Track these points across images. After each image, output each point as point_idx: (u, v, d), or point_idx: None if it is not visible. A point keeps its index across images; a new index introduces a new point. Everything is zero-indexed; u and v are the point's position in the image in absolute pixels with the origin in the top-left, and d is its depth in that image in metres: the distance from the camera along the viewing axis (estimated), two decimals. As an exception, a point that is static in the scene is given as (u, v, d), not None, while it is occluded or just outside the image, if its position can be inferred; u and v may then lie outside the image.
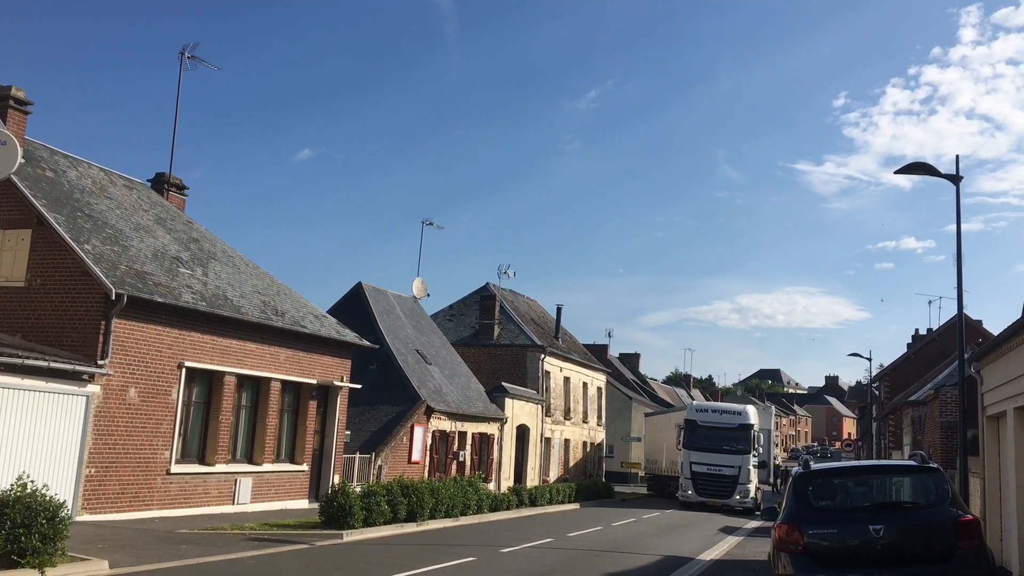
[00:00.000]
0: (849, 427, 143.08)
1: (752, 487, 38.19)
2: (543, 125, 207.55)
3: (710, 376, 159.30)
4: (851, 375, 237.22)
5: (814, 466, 9.92)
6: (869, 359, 54.53)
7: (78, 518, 17.10)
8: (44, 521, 11.25)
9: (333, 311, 32.86)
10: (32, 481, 11.79)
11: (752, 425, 39.11)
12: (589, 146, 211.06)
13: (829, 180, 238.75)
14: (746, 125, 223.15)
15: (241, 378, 22.44)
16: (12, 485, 11.64)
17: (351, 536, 18.10)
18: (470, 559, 15.42)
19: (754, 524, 29.23)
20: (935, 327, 53.74)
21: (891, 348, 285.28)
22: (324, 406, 25.87)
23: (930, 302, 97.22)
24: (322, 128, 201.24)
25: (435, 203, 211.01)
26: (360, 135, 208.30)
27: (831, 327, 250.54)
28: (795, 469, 9.95)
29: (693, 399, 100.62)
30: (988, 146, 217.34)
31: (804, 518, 9.14)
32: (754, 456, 38.82)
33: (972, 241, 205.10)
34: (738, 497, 37.42)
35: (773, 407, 40.14)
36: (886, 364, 59.68)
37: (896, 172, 17.91)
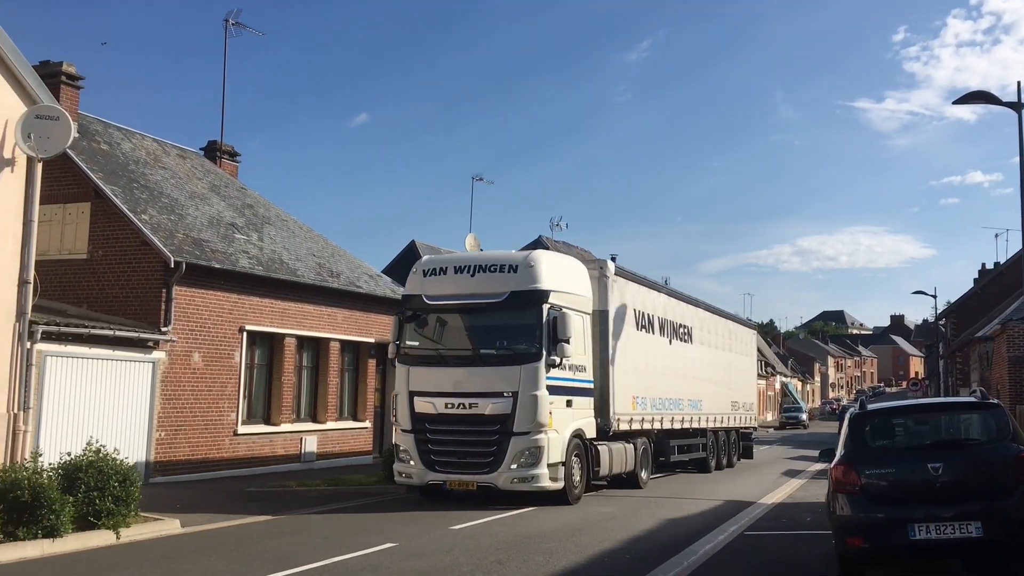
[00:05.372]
0: (917, 366, 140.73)
1: (558, 443, 15.90)
2: (594, 80, 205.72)
3: (771, 320, 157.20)
4: (918, 313, 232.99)
5: (871, 406, 9.79)
6: (934, 296, 53.50)
7: (151, 480, 17.71)
8: (116, 484, 11.68)
9: (388, 270, 33.18)
10: (103, 446, 12.21)
11: (545, 293, 16.13)
12: (641, 97, 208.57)
13: (890, 117, 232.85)
14: (803, 66, 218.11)
15: (301, 339, 22.86)
16: (84, 450, 12.07)
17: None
18: (530, 508, 15.56)
19: (819, 466, 29.02)
20: (1002, 261, 52.31)
21: (958, 284, 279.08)
22: (383, 364, 26.23)
23: (996, 235, 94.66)
24: (378, 93, 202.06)
25: (488, 162, 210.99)
26: (414, 98, 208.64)
27: (896, 266, 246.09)
28: (851, 409, 9.83)
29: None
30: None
31: (861, 458, 9.03)
32: (559, 366, 16.04)
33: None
34: (515, 467, 15.55)
35: (611, 263, 18.64)
36: (952, 300, 58.39)
37: (955, 103, 17.40)
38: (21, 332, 14.27)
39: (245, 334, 20.76)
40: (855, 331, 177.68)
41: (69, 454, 12.11)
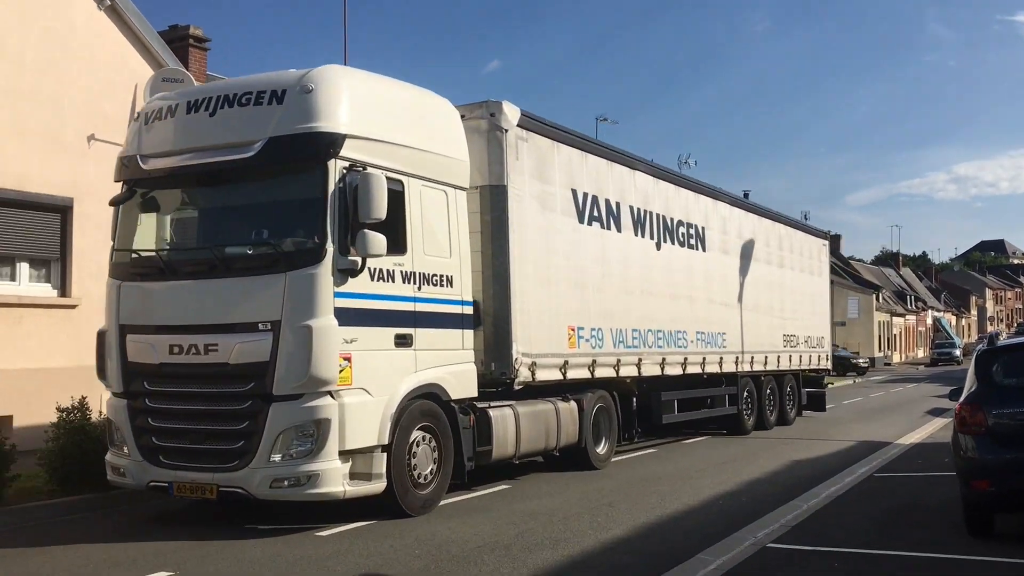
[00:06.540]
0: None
1: (370, 413, 8.94)
2: (730, 9, 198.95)
3: (924, 252, 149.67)
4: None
5: (1000, 342, 9.19)
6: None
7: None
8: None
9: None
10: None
11: (334, 138, 8.81)
12: (781, 25, 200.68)
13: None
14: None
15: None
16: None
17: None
18: (651, 450, 15.46)
19: (966, 405, 27.63)
20: None
21: None
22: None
23: None
24: (511, 39, 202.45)
25: (620, 102, 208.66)
26: (546, 42, 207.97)
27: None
28: (979, 347, 9.27)
29: (904, 280, 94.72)
30: None
31: (988, 398, 8.52)
32: (362, 271, 8.92)
33: None
34: (278, 458, 8.52)
35: (513, 107, 11.35)
36: (1125, 226, 53.92)
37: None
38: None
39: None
40: (1017, 261, 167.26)
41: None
